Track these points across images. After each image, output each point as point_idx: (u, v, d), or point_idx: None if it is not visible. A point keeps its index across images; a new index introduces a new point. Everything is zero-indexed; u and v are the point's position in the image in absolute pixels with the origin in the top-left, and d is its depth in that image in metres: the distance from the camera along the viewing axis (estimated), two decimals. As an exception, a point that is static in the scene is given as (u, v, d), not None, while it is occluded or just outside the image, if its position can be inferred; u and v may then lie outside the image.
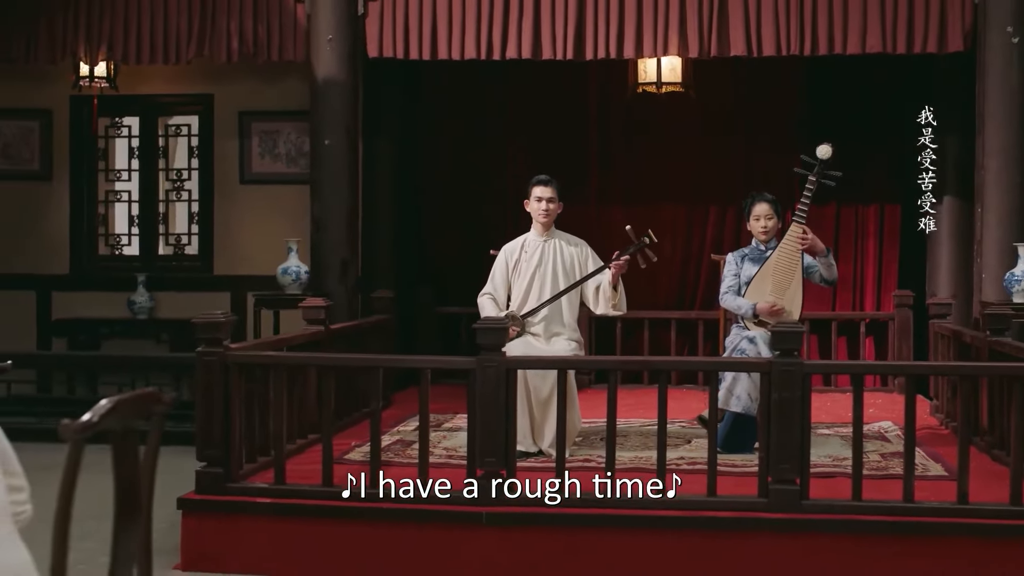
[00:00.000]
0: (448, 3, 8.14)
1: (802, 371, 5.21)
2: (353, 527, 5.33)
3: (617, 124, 9.78)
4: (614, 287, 6.52)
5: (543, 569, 5.24)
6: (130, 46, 8.55)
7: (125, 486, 2.55)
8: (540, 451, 6.32)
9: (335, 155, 8.16)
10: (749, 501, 5.24)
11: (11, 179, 10.21)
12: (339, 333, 7.08)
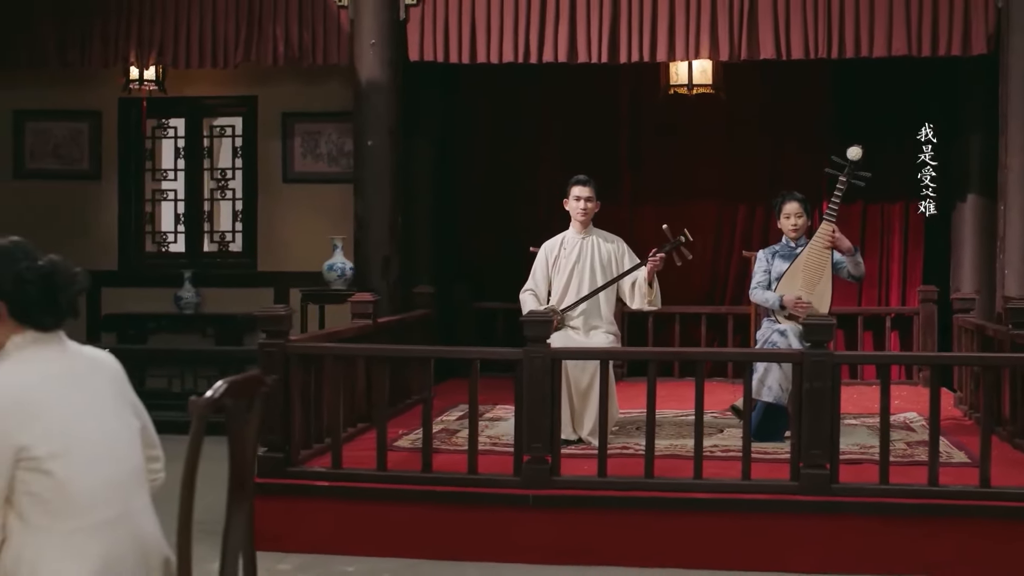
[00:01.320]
0: (487, 8, 8.42)
1: (832, 362, 5.50)
2: (406, 509, 5.65)
3: (649, 125, 10.04)
4: (650, 284, 6.82)
5: (587, 549, 5.55)
6: (180, 51, 8.88)
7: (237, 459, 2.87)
8: (580, 439, 6.62)
9: (378, 156, 8.45)
10: (782, 484, 5.53)
11: (62, 178, 10.56)
12: (385, 327, 7.39)
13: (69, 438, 2.70)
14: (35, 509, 2.66)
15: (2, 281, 2.79)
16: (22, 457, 2.64)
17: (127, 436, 2.87)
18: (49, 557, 2.66)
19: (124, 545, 2.76)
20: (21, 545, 2.67)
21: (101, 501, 2.73)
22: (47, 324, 2.82)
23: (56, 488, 2.66)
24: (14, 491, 2.66)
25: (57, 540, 2.67)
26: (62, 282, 2.82)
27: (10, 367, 2.75)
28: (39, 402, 2.69)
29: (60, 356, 2.83)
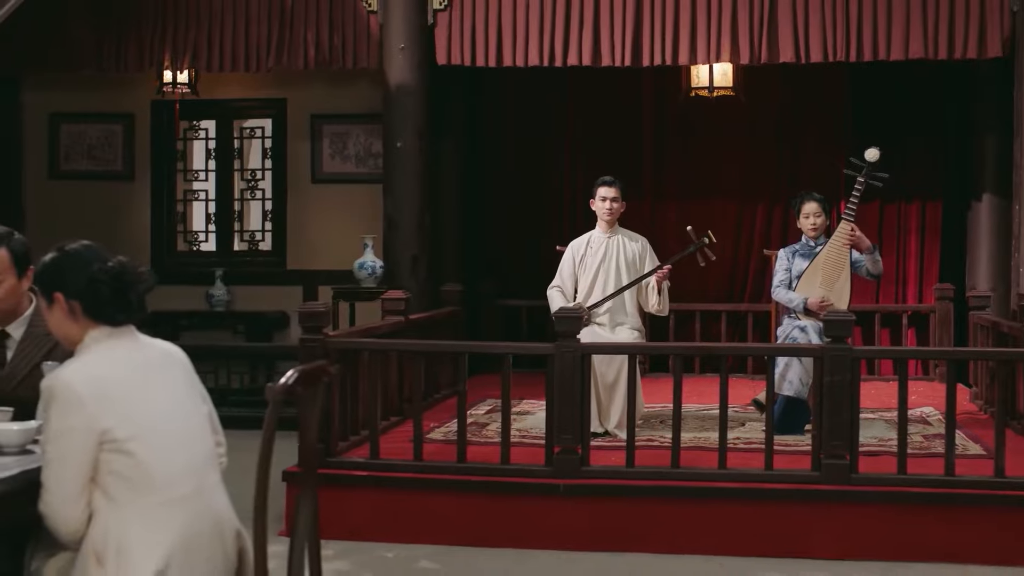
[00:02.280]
0: (512, 13, 8.63)
1: (851, 356, 5.71)
2: (442, 497, 5.88)
3: (670, 126, 10.24)
4: (658, 291, 7.08)
5: (615, 536, 5.77)
6: (213, 55, 9.13)
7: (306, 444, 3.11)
8: (607, 431, 6.85)
9: (406, 157, 8.68)
10: (803, 474, 5.75)
11: (96, 179, 10.81)
12: (416, 323, 7.62)
13: (146, 421, 2.95)
14: (119, 486, 2.90)
15: (76, 282, 3.06)
16: (105, 439, 2.89)
17: (198, 420, 3.12)
18: (134, 529, 2.90)
19: (201, 518, 3.01)
20: (107, 520, 2.91)
21: (178, 478, 2.97)
22: (119, 320, 3.07)
23: (136, 467, 2.91)
24: (99, 471, 2.90)
25: (140, 514, 2.91)
26: (131, 281, 3.08)
27: (91, 359, 3.00)
28: (118, 389, 2.94)
29: (134, 347, 3.09)
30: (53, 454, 2.89)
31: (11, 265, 3.77)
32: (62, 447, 2.88)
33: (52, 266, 3.14)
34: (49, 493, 2.90)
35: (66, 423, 2.87)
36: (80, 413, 2.87)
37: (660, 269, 7.06)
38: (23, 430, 3.22)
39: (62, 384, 2.90)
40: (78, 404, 2.87)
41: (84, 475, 2.89)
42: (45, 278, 3.14)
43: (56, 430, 2.88)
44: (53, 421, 2.89)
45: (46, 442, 2.91)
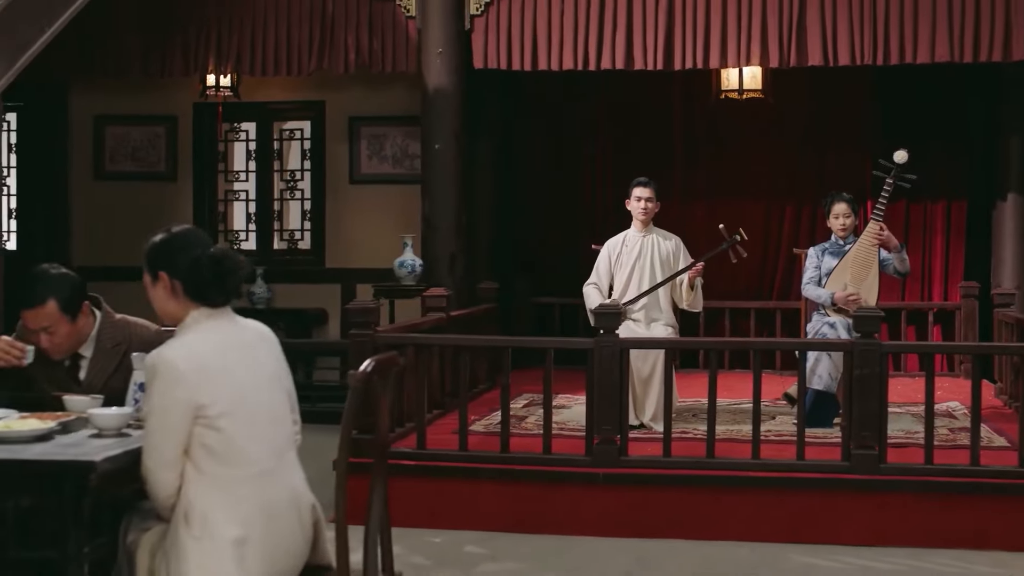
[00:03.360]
0: (547, 18, 8.87)
1: (880, 350, 5.95)
2: (486, 486, 6.14)
3: (700, 127, 10.47)
4: (691, 287, 7.32)
5: (652, 523, 6.02)
6: (256, 59, 9.42)
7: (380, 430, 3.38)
8: (642, 424, 7.10)
9: (444, 158, 8.94)
10: (833, 464, 5.99)
11: (139, 179, 11.11)
12: (456, 320, 7.87)
13: (237, 400, 3.21)
14: (207, 459, 3.17)
15: (180, 264, 3.31)
16: (199, 415, 3.16)
17: (281, 400, 3.39)
18: (218, 500, 3.17)
19: (279, 492, 3.28)
20: (195, 488, 3.17)
21: (261, 455, 3.24)
22: (217, 302, 3.33)
23: (225, 442, 3.17)
24: (191, 443, 3.17)
25: (224, 486, 3.18)
26: (230, 267, 3.33)
27: (191, 339, 3.26)
28: (215, 368, 3.20)
29: (231, 328, 3.35)
30: (154, 425, 3.16)
31: (60, 314, 3.89)
32: (162, 419, 3.15)
33: (160, 246, 3.39)
34: (150, 459, 3.17)
35: (167, 398, 3.14)
36: (180, 389, 3.13)
37: (693, 266, 7.31)
38: (120, 414, 3.49)
39: (165, 362, 3.16)
40: (179, 381, 3.14)
41: (180, 445, 3.16)
42: (152, 257, 3.39)
43: (158, 404, 3.15)
44: (155, 395, 3.15)
45: (148, 413, 3.18)
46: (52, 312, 3.88)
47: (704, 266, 7.38)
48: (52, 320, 3.89)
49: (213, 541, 3.13)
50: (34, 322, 3.89)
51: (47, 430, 3.37)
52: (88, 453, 3.14)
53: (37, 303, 3.86)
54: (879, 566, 5.56)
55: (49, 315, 3.88)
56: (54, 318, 3.89)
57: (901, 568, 5.54)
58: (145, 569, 3.23)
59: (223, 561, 3.13)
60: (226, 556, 3.13)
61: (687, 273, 7.31)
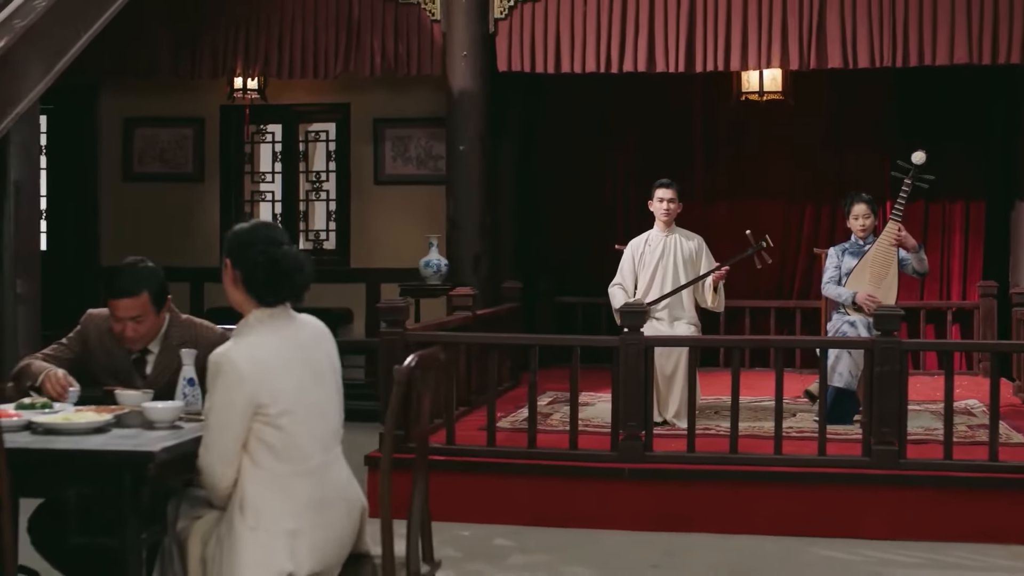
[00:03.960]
0: (570, 22, 9.00)
1: (900, 348, 6.08)
2: (513, 480, 6.29)
3: (721, 129, 10.59)
4: (715, 289, 7.46)
5: (677, 517, 6.16)
6: (283, 63, 9.59)
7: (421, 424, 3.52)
8: (665, 420, 7.24)
9: (468, 160, 9.09)
10: (854, 459, 6.12)
11: (168, 180, 11.27)
12: (482, 318, 8.02)
13: (295, 399, 3.36)
14: (265, 454, 3.32)
15: (243, 257, 3.45)
16: (259, 412, 3.30)
17: (334, 398, 3.53)
18: (272, 493, 3.32)
19: (328, 487, 3.43)
20: (251, 481, 3.32)
21: (312, 451, 3.39)
22: (268, 301, 3.46)
23: (282, 439, 3.32)
24: (249, 438, 3.31)
25: (278, 480, 3.33)
26: (286, 270, 3.46)
27: (254, 339, 3.40)
28: (275, 369, 3.34)
29: (290, 327, 3.48)
30: (215, 421, 3.31)
31: (151, 306, 4.11)
32: (224, 416, 3.29)
33: (233, 235, 3.53)
34: (210, 453, 3.32)
35: (229, 395, 3.28)
36: (241, 388, 3.28)
37: (718, 270, 7.44)
38: (173, 408, 3.65)
39: (229, 361, 3.30)
40: (241, 380, 3.28)
41: (239, 440, 3.30)
42: (227, 242, 3.53)
43: (220, 400, 3.30)
44: (218, 392, 3.30)
45: (210, 409, 3.32)
46: (144, 303, 4.09)
47: (728, 270, 7.51)
48: (143, 310, 4.10)
49: (267, 532, 3.28)
50: (126, 311, 4.07)
51: (103, 422, 3.53)
52: (146, 444, 3.30)
53: (134, 293, 4.07)
54: (899, 559, 5.69)
55: (142, 305, 4.09)
56: (145, 309, 4.10)
57: (920, 561, 5.67)
58: (197, 557, 3.38)
59: (276, 552, 3.28)
60: (279, 547, 3.28)
61: (712, 277, 7.45)
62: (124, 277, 4.10)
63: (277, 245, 3.47)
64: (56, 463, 3.25)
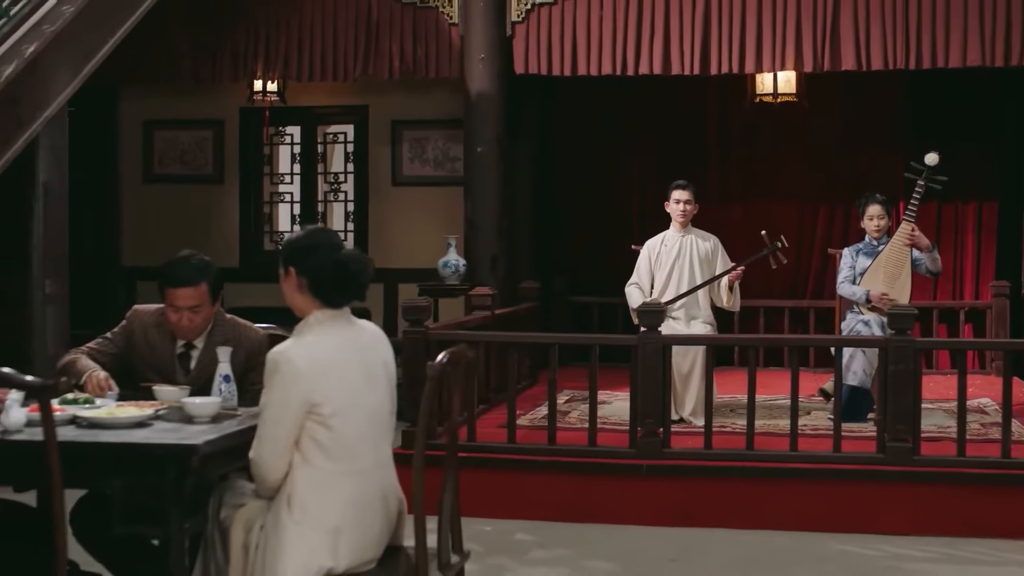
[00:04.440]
0: (587, 25, 9.12)
1: (914, 347, 6.18)
2: (534, 476, 6.41)
3: (735, 130, 10.69)
4: (730, 289, 7.58)
5: (694, 512, 6.27)
6: (303, 65, 9.73)
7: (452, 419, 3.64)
8: (681, 418, 7.35)
9: (486, 161, 9.21)
10: (869, 456, 6.23)
11: (188, 182, 11.40)
12: (501, 318, 8.14)
13: (348, 400, 3.47)
14: (315, 452, 3.43)
15: (308, 263, 3.55)
16: (312, 411, 3.41)
17: (387, 402, 3.64)
18: (318, 490, 3.44)
19: (373, 487, 3.54)
20: (300, 477, 3.44)
21: (363, 452, 3.50)
22: (336, 302, 3.57)
23: (333, 438, 3.43)
24: (301, 436, 3.43)
25: (326, 478, 3.44)
26: (352, 271, 3.57)
27: (312, 339, 3.51)
28: (330, 369, 3.45)
29: (348, 330, 3.59)
30: (270, 416, 3.42)
31: (208, 296, 4.25)
32: (279, 412, 3.41)
33: (293, 243, 3.65)
34: (263, 446, 3.43)
35: (285, 393, 3.40)
36: (298, 386, 3.39)
37: (734, 270, 7.55)
38: (211, 403, 3.78)
39: (287, 360, 3.42)
40: (298, 378, 3.39)
41: (292, 436, 3.41)
42: (286, 252, 3.64)
43: (276, 397, 3.41)
44: (275, 389, 3.41)
45: (266, 405, 3.43)
46: (203, 293, 4.23)
47: (744, 270, 7.62)
48: (201, 300, 4.23)
49: (312, 529, 3.40)
50: (185, 300, 4.21)
51: (145, 417, 3.65)
52: (189, 437, 3.42)
53: (194, 282, 4.21)
54: (914, 554, 5.79)
55: (200, 295, 4.23)
56: (203, 299, 4.24)
57: (935, 556, 5.77)
58: (240, 543, 3.49)
59: (319, 547, 3.40)
60: (322, 543, 3.40)
61: (728, 277, 7.56)
62: (185, 267, 4.24)
63: (339, 248, 3.60)
64: (103, 456, 3.37)
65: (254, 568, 3.47)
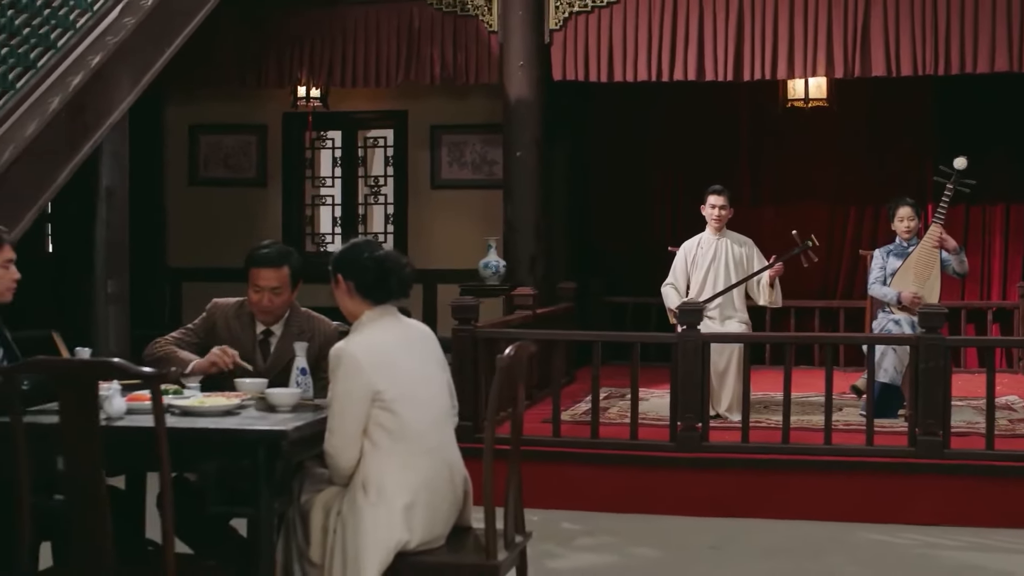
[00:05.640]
0: (623, 32, 9.38)
1: (944, 344, 6.43)
2: (578, 469, 6.68)
3: (767, 135, 10.94)
4: (771, 285, 7.83)
5: (732, 503, 6.52)
6: (347, 72, 10.05)
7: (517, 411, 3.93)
8: (717, 414, 7.60)
9: (525, 165, 9.48)
10: (900, 449, 6.48)
11: (232, 185, 11.73)
12: (541, 317, 8.41)
13: (408, 386, 3.78)
14: (383, 437, 3.73)
15: (352, 267, 3.90)
16: (376, 398, 3.72)
17: (443, 387, 3.96)
18: (391, 471, 3.73)
19: (440, 465, 3.84)
20: (372, 462, 3.74)
21: (426, 433, 3.80)
22: (380, 299, 3.90)
23: (397, 422, 3.73)
24: (369, 423, 3.73)
25: (396, 459, 3.74)
26: (391, 268, 3.91)
27: (368, 333, 3.83)
28: (390, 358, 3.76)
29: (398, 326, 3.93)
30: (338, 408, 3.72)
31: (289, 280, 4.55)
32: (346, 403, 3.71)
33: (339, 254, 4.01)
34: (335, 437, 3.73)
35: (349, 384, 3.70)
36: (360, 377, 3.70)
37: (774, 266, 7.79)
38: (292, 393, 4.07)
39: (348, 354, 3.73)
40: (360, 370, 3.70)
41: (360, 424, 3.72)
42: (333, 263, 3.99)
43: (342, 389, 3.72)
44: (340, 382, 3.72)
45: (333, 398, 3.74)
46: (285, 276, 4.53)
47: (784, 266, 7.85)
48: (283, 283, 4.53)
49: (387, 506, 3.70)
50: (268, 281, 4.51)
51: (233, 406, 3.95)
52: (279, 424, 3.71)
53: (279, 264, 4.51)
54: (944, 542, 6.04)
55: (282, 278, 4.53)
56: (284, 282, 4.54)
57: (965, 545, 6.01)
58: (319, 526, 3.79)
59: (395, 523, 3.69)
60: (397, 519, 3.70)
61: (768, 272, 7.80)
62: (270, 250, 4.55)
63: (378, 249, 3.96)
64: (200, 441, 3.66)
65: (333, 549, 3.76)
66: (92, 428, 3.38)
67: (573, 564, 5.72)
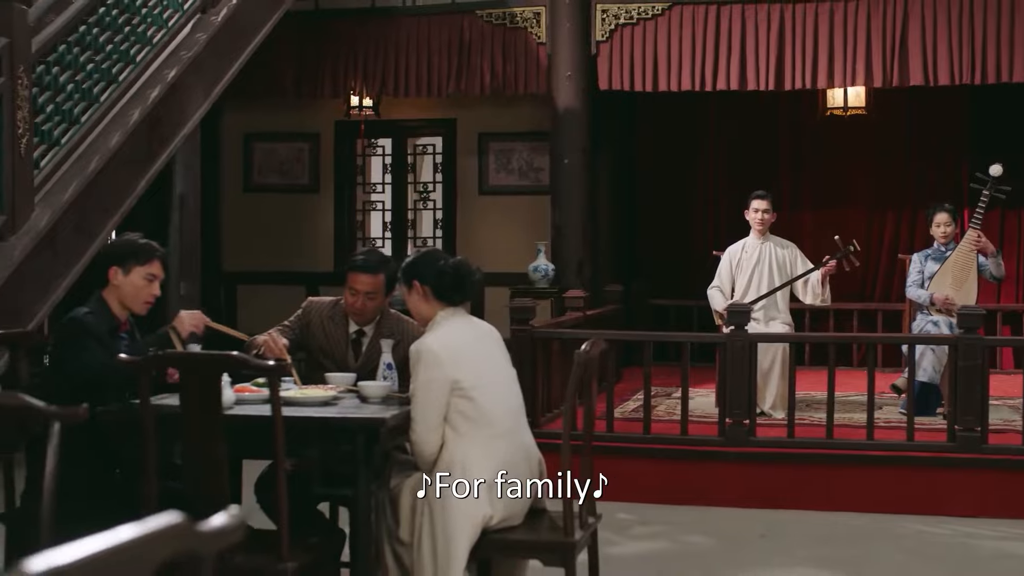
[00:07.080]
0: (667, 44, 9.71)
1: (982, 344, 6.72)
2: (631, 462, 7.00)
3: (806, 142, 11.25)
4: (823, 285, 8.13)
5: (778, 496, 6.84)
6: (400, 82, 10.43)
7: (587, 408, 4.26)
8: (762, 412, 7.91)
9: (572, 172, 9.83)
10: (940, 444, 6.78)
11: (285, 192, 12.13)
12: (591, 318, 8.75)
13: (483, 376, 4.14)
14: (463, 423, 4.09)
15: (428, 273, 4.27)
16: (455, 388, 4.08)
17: (512, 377, 4.34)
18: (472, 455, 4.09)
19: (517, 447, 4.20)
20: (455, 446, 4.09)
21: (502, 418, 4.16)
22: (456, 301, 4.28)
23: (476, 409, 4.09)
24: (449, 411, 4.09)
25: (477, 443, 4.09)
26: (466, 273, 4.29)
27: (444, 330, 4.20)
28: (464, 351, 4.13)
29: (469, 324, 4.31)
30: (420, 399, 4.09)
31: (383, 287, 4.87)
32: (427, 394, 4.08)
33: (412, 262, 4.37)
34: (418, 425, 4.10)
35: (430, 376, 4.07)
36: (439, 369, 4.06)
37: (825, 265, 8.07)
38: (383, 386, 4.43)
39: (427, 348, 4.09)
40: (438, 363, 4.07)
41: (442, 413, 4.09)
42: (408, 270, 4.34)
43: (423, 381, 4.08)
44: (421, 375, 4.08)
45: (415, 390, 4.10)
46: (380, 282, 4.85)
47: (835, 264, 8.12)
48: (377, 288, 4.85)
49: (471, 484, 4.05)
50: (364, 285, 4.83)
51: (330, 397, 4.31)
52: (376, 413, 4.08)
53: (376, 271, 4.83)
54: (984, 532, 6.34)
55: (377, 284, 4.84)
56: (379, 288, 4.86)
57: (1004, 535, 6.31)
58: (408, 507, 4.15)
59: (480, 500, 4.05)
60: (483, 495, 4.05)
61: (820, 271, 8.08)
62: (370, 257, 4.90)
63: (448, 258, 4.34)
64: (302, 429, 4.02)
65: (421, 528, 4.11)
66: (215, 418, 3.73)
67: (632, 551, 6.06)
